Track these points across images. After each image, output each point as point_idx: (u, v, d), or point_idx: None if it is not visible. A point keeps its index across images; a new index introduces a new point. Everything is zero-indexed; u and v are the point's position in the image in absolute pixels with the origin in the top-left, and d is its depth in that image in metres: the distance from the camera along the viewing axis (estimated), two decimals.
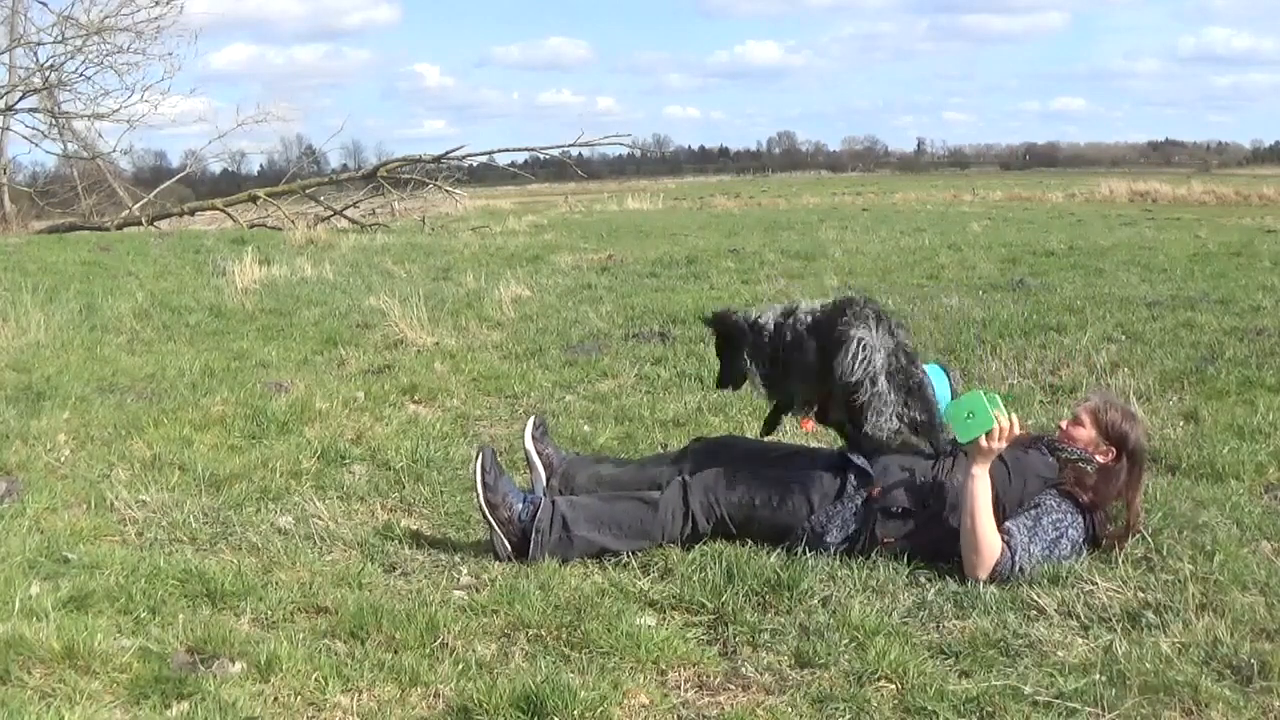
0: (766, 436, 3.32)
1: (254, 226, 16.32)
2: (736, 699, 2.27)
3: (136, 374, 5.08)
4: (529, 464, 3.36)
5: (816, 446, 3.51)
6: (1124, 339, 5.68)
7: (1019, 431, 2.93)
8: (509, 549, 2.96)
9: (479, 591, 2.78)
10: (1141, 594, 2.66)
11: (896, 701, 2.22)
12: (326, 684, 2.25)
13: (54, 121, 18.64)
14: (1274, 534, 3.04)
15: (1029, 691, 2.22)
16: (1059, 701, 2.18)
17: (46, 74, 17.76)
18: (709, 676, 2.35)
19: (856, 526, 2.96)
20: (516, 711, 2.13)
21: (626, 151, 66.86)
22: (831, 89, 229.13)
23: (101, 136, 19.76)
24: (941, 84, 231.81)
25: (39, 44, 17.67)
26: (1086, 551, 2.94)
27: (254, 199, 17.21)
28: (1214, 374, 4.81)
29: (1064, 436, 3.12)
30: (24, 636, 2.36)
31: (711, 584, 2.74)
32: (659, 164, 76.52)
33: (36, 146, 24.42)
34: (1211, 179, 34.36)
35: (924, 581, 2.81)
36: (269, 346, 5.83)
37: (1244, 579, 2.71)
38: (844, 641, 2.44)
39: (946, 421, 2.98)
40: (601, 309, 7.06)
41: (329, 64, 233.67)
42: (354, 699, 2.23)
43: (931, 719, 2.16)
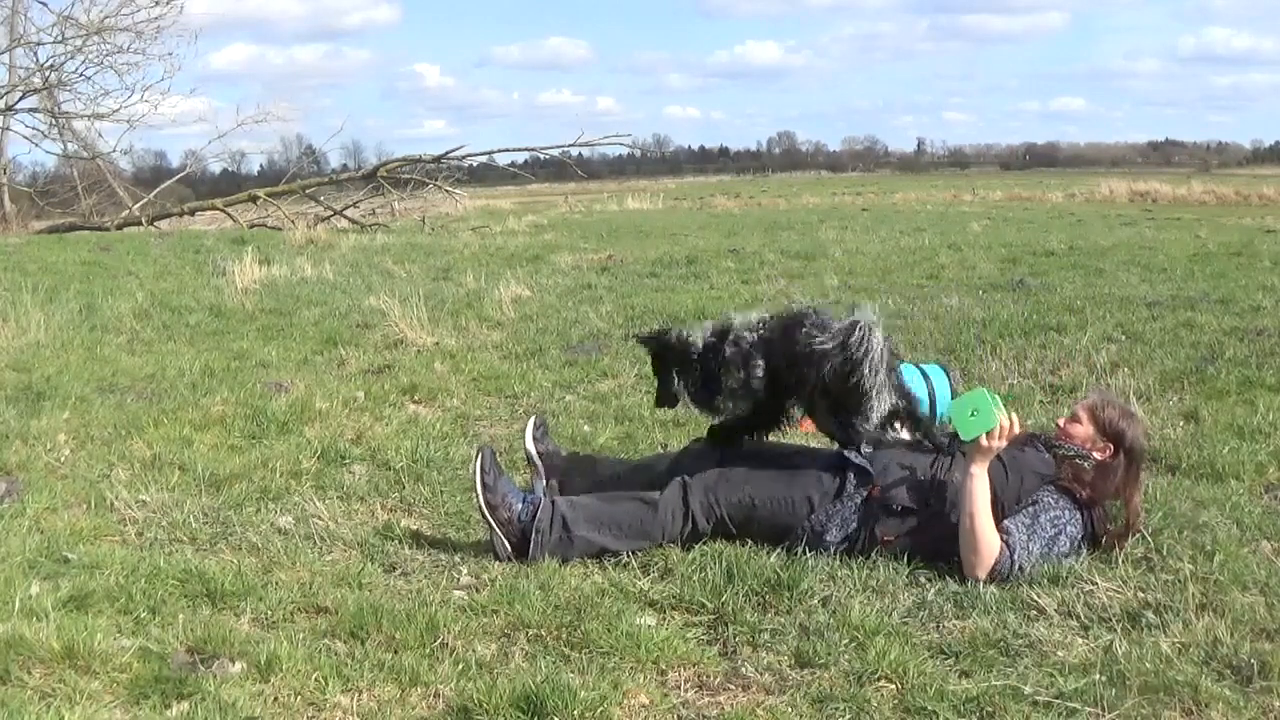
0: (727, 447, 3.21)
1: (254, 226, 16.32)
2: (736, 699, 2.27)
3: (136, 374, 5.08)
4: (529, 463, 3.36)
5: (816, 446, 3.50)
6: (1124, 339, 5.68)
7: (1019, 431, 2.93)
8: (509, 549, 2.96)
9: (479, 591, 2.78)
10: (1141, 594, 2.66)
11: (896, 701, 2.22)
12: (326, 684, 2.25)
13: (54, 121, 18.66)
14: (1274, 534, 3.04)
15: (1029, 691, 2.22)
16: (1059, 701, 2.18)
17: (46, 74, 17.78)
18: (709, 676, 2.35)
19: (856, 525, 2.95)
20: (516, 711, 2.13)
21: (626, 151, 66.93)
22: (831, 89, 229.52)
23: (101, 136, 19.79)
24: (941, 84, 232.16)
25: (39, 44, 17.71)
26: (1086, 549, 2.94)
27: (254, 199, 17.20)
28: (1214, 374, 4.81)
29: (1061, 434, 3.12)
30: (24, 636, 2.36)
31: (711, 584, 2.74)
32: (659, 164, 76.57)
33: (36, 146, 24.48)
34: (1211, 179, 34.36)
35: (924, 581, 2.81)
36: (269, 346, 5.83)
37: (1244, 579, 2.71)
38: (844, 641, 2.44)
39: (949, 418, 2.98)
40: (601, 309, 7.06)
41: (329, 64, 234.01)
42: (354, 699, 2.23)
43: (931, 719, 2.16)
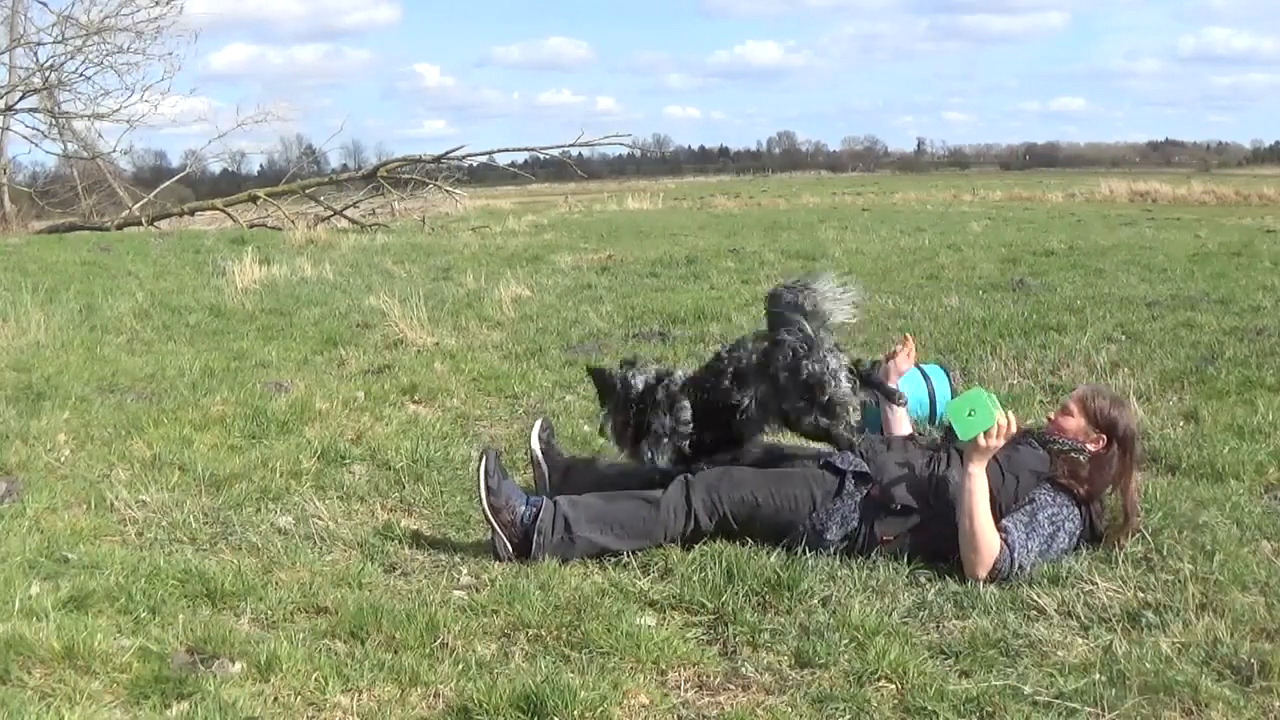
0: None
1: (254, 226, 16.32)
2: (736, 699, 2.27)
3: (136, 374, 5.08)
4: (533, 464, 3.36)
5: (816, 445, 3.50)
6: (1124, 339, 5.68)
7: (1016, 430, 2.93)
8: (510, 550, 2.96)
9: (479, 591, 2.78)
10: (1141, 594, 2.66)
11: (896, 701, 2.22)
12: (326, 684, 2.25)
13: (54, 121, 18.67)
14: (1274, 534, 3.04)
15: (1029, 691, 2.22)
16: (1059, 701, 2.18)
17: (46, 74, 17.79)
18: (709, 676, 2.35)
19: (857, 523, 2.96)
20: (516, 711, 2.14)
21: (626, 151, 66.93)
22: (831, 89, 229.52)
23: (101, 136, 19.80)
24: (941, 84, 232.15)
25: (39, 44, 17.73)
26: (1086, 545, 2.95)
27: (254, 199, 17.20)
28: (1214, 374, 4.81)
29: (1053, 427, 3.11)
30: (24, 636, 2.36)
31: (711, 584, 2.74)
32: (659, 164, 76.58)
33: (36, 146, 24.52)
34: (1211, 179, 34.32)
35: (924, 581, 2.81)
36: (269, 346, 5.83)
37: (1244, 579, 2.72)
38: (844, 641, 2.44)
39: (948, 418, 2.98)
40: (601, 309, 7.06)
41: (329, 64, 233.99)
42: (354, 699, 2.23)
43: (931, 719, 2.16)
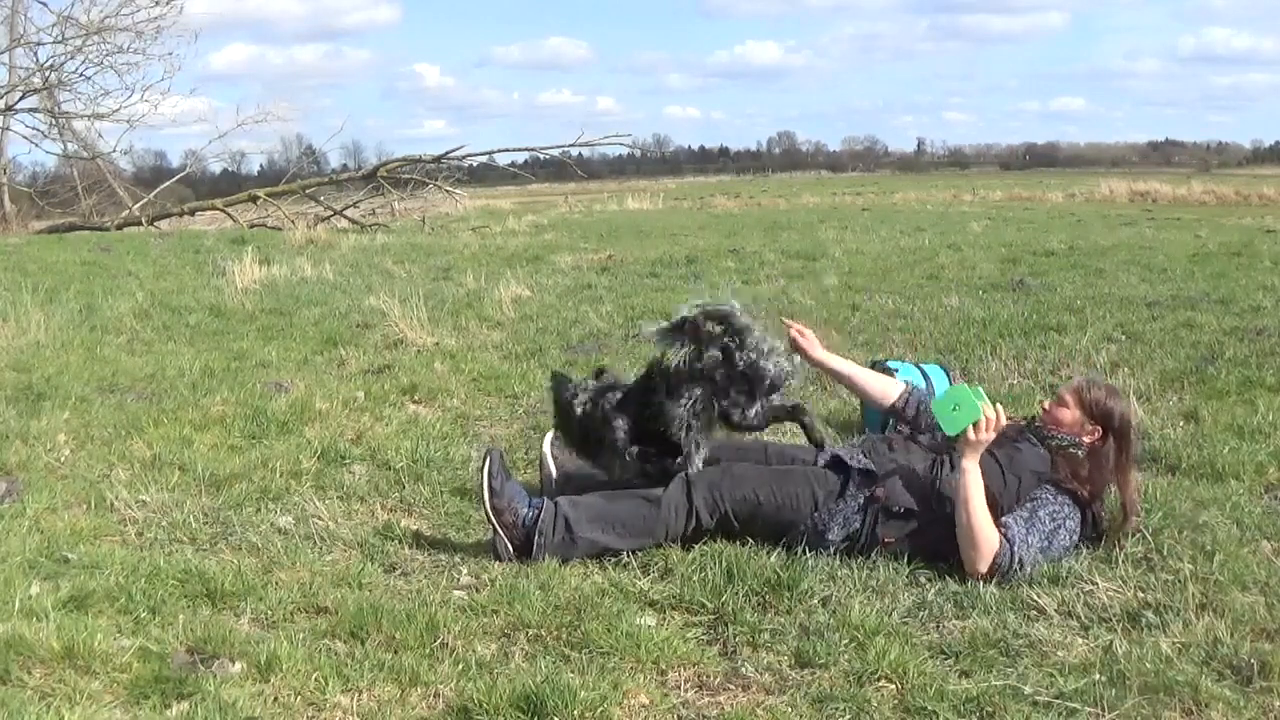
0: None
1: (254, 226, 16.30)
2: (736, 699, 2.27)
3: (136, 374, 5.07)
4: (541, 465, 3.36)
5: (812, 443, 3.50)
6: (1124, 339, 5.68)
7: (1005, 421, 2.93)
8: (511, 551, 2.96)
9: (479, 591, 2.78)
10: (1141, 594, 2.66)
11: (896, 701, 2.22)
12: (326, 684, 2.25)
13: (54, 121, 18.64)
14: (1274, 534, 3.04)
15: (1029, 691, 2.22)
16: (1059, 701, 2.19)
17: (46, 74, 17.76)
18: (709, 676, 2.35)
19: (859, 524, 2.96)
20: (516, 711, 2.14)
21: (626, 151, 66.94)
22: (831, 89, 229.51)
23: (101, 136, 19.76)
24: (941, 84, 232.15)
25: (39, 44, 17.68)
26: (1086, 545, 2.95)
27: (254, 199, 17.18)
28: (1214, 374, 4.81)
29: (1048, 418, 3.12)
30: (24, 636, 2.36)
31: (711, 584, 2.74)
32: (659, 164, 76.59)
33: (36, 146, 24.51)
34: (1211, 179, 34.28)
35: (924, 581, 2.81)
36: (269, 346, 5.83)
37: (1244, 579, 2.72)
38: (844, 641, 2.44)
39: (935, 417, 3.00)
40: (601, 309, 7.06)
41: (329, 64, 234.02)
42: (354, 699, 2.23)
43: (931, 719, 2.16)
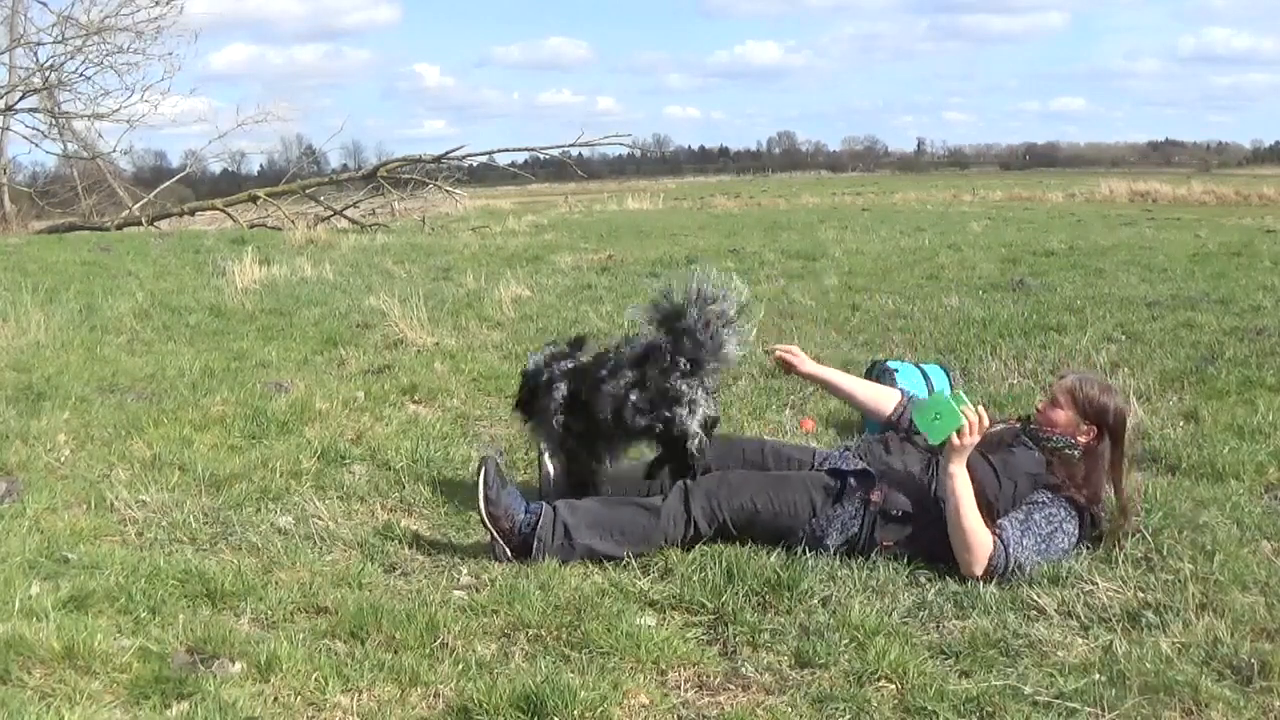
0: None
1: (254, 226, 16.30)
2: (736, 699, 2.27)
3: (136, 374, 5.07)
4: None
5: (816, 448, 3.51)
6: (1124, 339, 5.68)
7: (988, 423, 2.93)
8: (509, 554, 2.96)
9: (479, 591, 2.78)
10: (1141, 594, 2.66)
11: (896, 701, 2.22)
12: (326, 684, 2.25)
13: (54, 121, 18.64)
14: (1274, 534, 3.04)
15: (1029, 691, 2.22)
16: (1059, 701, 2.18)
17: (46, 74, 17.76)
18: (709, 676, 2.35)
19: (856, 529, 2.96)
20: (516, 711, 2.13)
21: (626, 151, 67.06)
22: (831, 89, 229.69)
23: (101, 136, 19.79)
24: (941, 84, 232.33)
25: (39, 44, 17.67)
26: (1086, 546, 2.95)
27: (254, 199, 17.18)
28: (1214, 374, 4.81)
29: (1043, 419, 3.12)
30: (24, 636, 2.36)
31: (711, 584, 2.74)
32: (659, 164, 76.67)
33: (36, 146, 24.53)
34: (1211, 179, 34.29)
35: (924, 581, 2.81)
36: (269, 346, 5.83)
37: (1244, 579, 2.72)
38: (844, 641, 2.44)
39: (918, 428, 3.01)
40: (601, 309, 7.06)
41: (329, 64, 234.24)
42: (354, 699, 2.23)
43: (931, 719, 2.16)
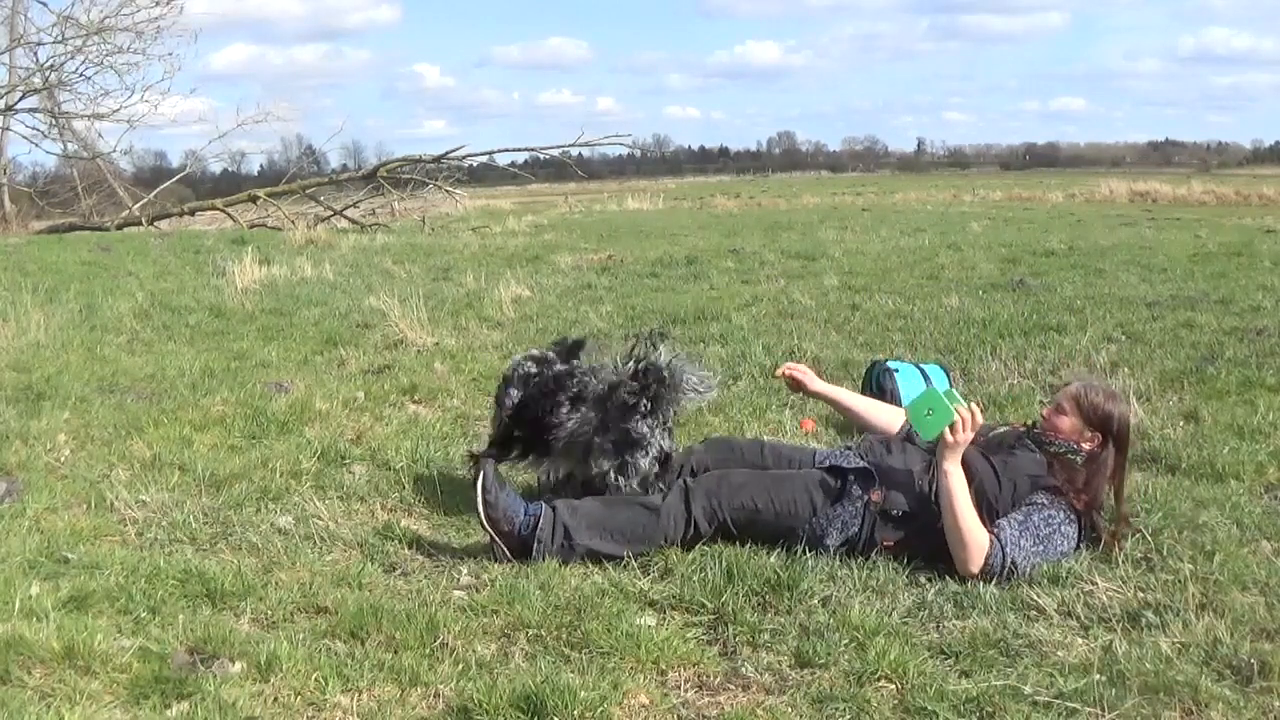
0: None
1: (254, 226, 16.29)
2: (736, 699, 2.27)
3: (136, 374, 5.07)
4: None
5: (816, 447, 3.51)
6: (1124, 339, 5.68)
7: (980, 419, 2.93)
8: (509, 556, 2.96)
9: (479, 591, 2.78)
10: (1141, 594, 2.66)
11: (896, 701, 2.22)
12: (326, 684, 2.25)
13: (54, 121, 18.65)
14: (1274, 534, 3.04)
15: (1029, 691, 2.22)
16: (1059, 701, 2.18)
17: (46, 74, 17.77)
18: (709, 676, 2.35)
19: (857, 529, 2.96)
20: (516, 711, 2.13)
21: (626, 151, 67.14)
22: (831, 89, 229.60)
23: (101, 136, 19.76)
24: (941, 84, 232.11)
25: (39, 44, 17.70)
26: (1086, 547, 2.94)
27: (254, 199, 17.18)
28: (1214, 374, 4.81)
29: (1047, 425, 3.12)
30: (24, 636, 2.36)
31: (711, 584, 2.74)
32: (659, 164, 76.74)
33: (36, 146, 24.50)
34: (1211, 179, 34.27)
35: (924, 581, 2.81)
36: (269, 346, 5.83)
37: (1244, 579, 2.72)
38: (844, 641, 2.44)
39: (910, 424, 3.00)
40: (601, 309, 7.06)
41: (329, 64, 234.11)
42: (354, 699, 2.23)
43: (931, 719, 2.16)
